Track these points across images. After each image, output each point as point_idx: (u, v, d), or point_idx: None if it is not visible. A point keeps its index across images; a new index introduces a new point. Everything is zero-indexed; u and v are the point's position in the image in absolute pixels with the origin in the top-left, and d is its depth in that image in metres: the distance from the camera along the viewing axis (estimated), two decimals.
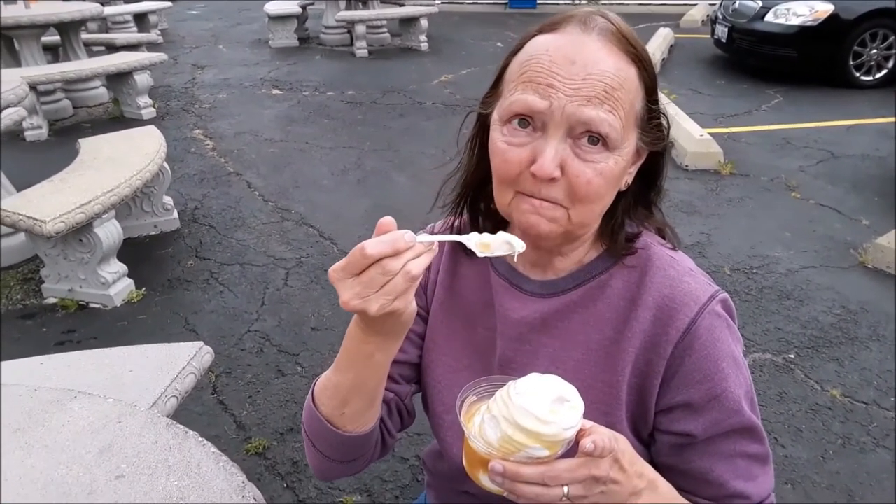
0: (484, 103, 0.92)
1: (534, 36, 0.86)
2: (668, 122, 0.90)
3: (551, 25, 0.85)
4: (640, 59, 0.84)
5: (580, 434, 0.73)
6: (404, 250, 0.71)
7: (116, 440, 1.09)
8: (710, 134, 5.37)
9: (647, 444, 0.93)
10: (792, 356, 2.90)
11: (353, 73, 8.18)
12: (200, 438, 1.10)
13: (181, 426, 1.13)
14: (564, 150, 0.81)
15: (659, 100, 0.88)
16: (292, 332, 3.14)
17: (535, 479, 0.71)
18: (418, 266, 0.72)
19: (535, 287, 0.97)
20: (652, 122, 0.87)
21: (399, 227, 0.73)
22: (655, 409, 0.91)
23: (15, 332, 3.15)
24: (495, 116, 0.87)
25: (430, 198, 1.05)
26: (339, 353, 0.89)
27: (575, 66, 0.79)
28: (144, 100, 6.40)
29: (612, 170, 0.83)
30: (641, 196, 0.95)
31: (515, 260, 0.79)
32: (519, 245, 0.78)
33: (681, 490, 0.89)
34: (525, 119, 0.82)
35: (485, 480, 0.76)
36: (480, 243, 0.78)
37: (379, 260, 0.70)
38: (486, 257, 1.02)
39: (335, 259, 3.84)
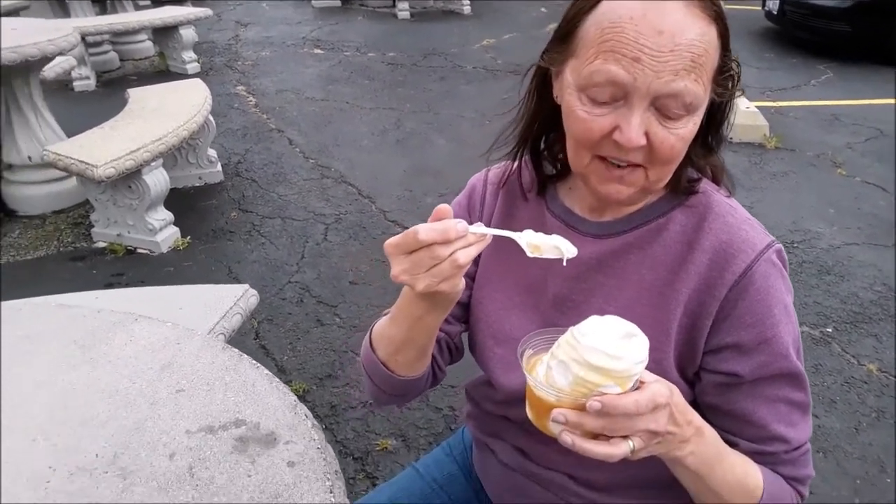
0: (551, 58, 0.90)
1: None
2: (738, 67, 0.89)
3: None
4: (719, 15, 0.82)
5: (639, 384, 0.75)
6: (454, 239, 0.75)
7: (176, 359, 1.15)
8: (757, 107, 5.27)
9: (691, 382, 0.95)
10: (830, 330, 2.89)
11: (395, 35, 8.15)
12: (254, 362, 1.15)
13: (235, 350, 1.18)
14: (648, 118, 0.81)
15: (731, 48, 0.86)
16: (331, 284, 3.20)
17: (596, 428, 0.73)
18: (466, 255, 0.76)
19: (592, 228, 0.99)
20: (724, 74, 0.86)
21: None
22: (704, 349, 0.92)
23: (66, 273, 3.27)
24: (569, 79, 0.86)
25: (470, 160, 1.06)
26: (395, 306, 0.94)
27: (662, 37, 0.77)
28: (189, 54, 6.47)
29: (691, 131, 0.84)
30: (702, 135, 0.93)
31: (564, 264, 0.81)
32: (569, 252, 0.80)
33: (721, 431, 0.91)
34: (605, 88, 0.81)
35: (555, 429, 0.76)
36: (531, 244, 0.80)
37: (430, 245, 0.74)
38: (542, 199, 1.04)
39: (373, 217, 3.91)
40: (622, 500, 1.02)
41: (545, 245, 0.80)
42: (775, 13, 7.88)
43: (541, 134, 1.02)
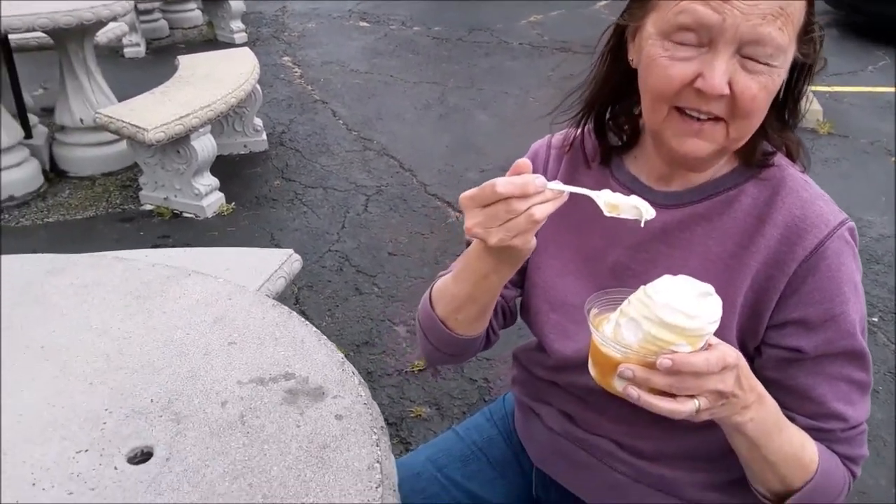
0: (630, 15, 0.90)
1: None
2: (821, 30, 0.87)
3: None
4: None
5: (707, 346, 0.74)
6: (532, 194, 0.74)
7: (228, 313, 1.18)
8: (811, 91, 5.11)
9: (751, 357, 0.95)
10: (875, 319, 2.83)
11: (441, 9, 8.08)
12: (302, 320, 1.18)
13: (285, 307, 1.21)
14: (733, 65, 0.80)
15: (814, 10, 0.86)
16: (370, 254, 3.24)
17: (663, 386, 0.73)
18: (542, 211, 0.75)
19: (659, 197, 0.96)
20: (808, 35, 0.85)
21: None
22: (769, 323, 0.92)
23: (114, 233, 3.37)
24: (651, 30, 0.85)
25: (512, 136, 1.07)
26: (460, 264, 0.95)
27: None
28: (237, 24, 6.53)
29: (775, 84, 0.83)
30: (779, 107, 0.93)
31: (643, 225, 0.80)
32: (648, 213, 0.79)
33: (780, 406, 0.90)
34: (690, 32, 0.80)
35: (619, 385, 0.76)
36: (609, 203, 0.79)
37: (507, 198, 0.74)
38: (607, 168, 1.04)
39: (414, 190, 3.93)
40: (669, 470, 1.02)
41: (624, 205, 0.79)
42: None
43: (608, 102, 1.01)
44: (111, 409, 0.97)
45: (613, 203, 0.79)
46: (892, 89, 5.73)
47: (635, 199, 0.79)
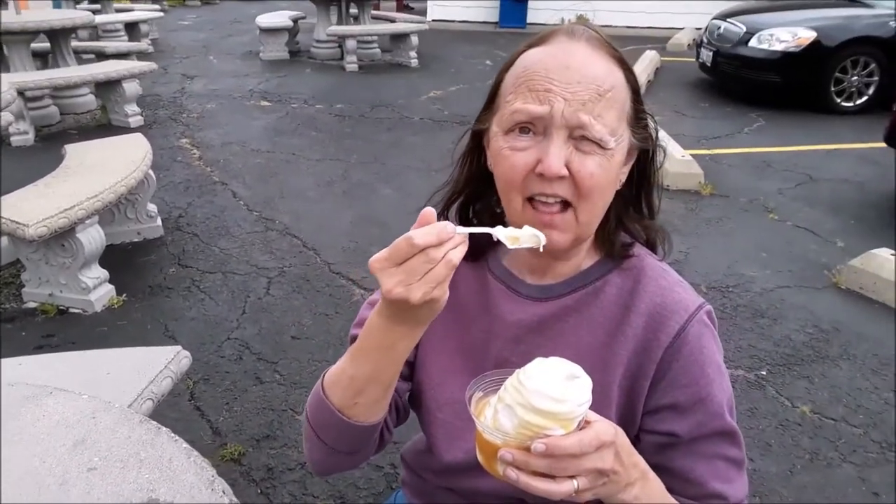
0: (480, 120, 0.98)
1: (523, 52, 0.92)
2: (654, 123, 0.96)
3: (540, 40, 0.92)
4: (623, 63, 0.91)
5: (584, 424, 0.76)
6: (447, 240, 0.75)
7: (90, 434, 1.11)
8: (692, 155, 5.45)
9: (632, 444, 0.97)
10: (764, 373, 2.96)
11: (343, 87, 8.24)
12: (173, 435, 1.13)
13: (154, 422, 1.15)
14: (569, 149, 0.86)
15: (643, 101, 0.95)
16: (272, 340, 3.15)
17: (542, 468, 0.73)
18: (458, 255, 0.76)
19: (532, 291, 1.01)
20: (640, 122, 0.93)
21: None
22: (643, 409, 0.95)
23: None
24: (495, 129, 0.92)
25: (416, 210, 1.09)
26: (355, 347, 0.91)
27: (570, 71, 0.85)
28: (132, 108, 6.41)
29: (610, 165, 0.88)
30: (633, 199, 1.00)
31: (541, 250, 0.83)
32: (543, 239, 0.83)
33: None
34: (526, 126, 0.87)
35: (501, 469, 0.77)
36: (510, 236, 0.82)
37: (424, 249, 0.74)
38: (483, 262, 1.06)
39: (318, 269, 3.86)
40: None
41: (523, 235, 0.83)
42: (709, 65, 8.25)
43: (469, 201, 1.05)
44: None
45: (514, 236, 0.83)
46: (767, 149, 6.18)
47: (530, 229, 0.83)
